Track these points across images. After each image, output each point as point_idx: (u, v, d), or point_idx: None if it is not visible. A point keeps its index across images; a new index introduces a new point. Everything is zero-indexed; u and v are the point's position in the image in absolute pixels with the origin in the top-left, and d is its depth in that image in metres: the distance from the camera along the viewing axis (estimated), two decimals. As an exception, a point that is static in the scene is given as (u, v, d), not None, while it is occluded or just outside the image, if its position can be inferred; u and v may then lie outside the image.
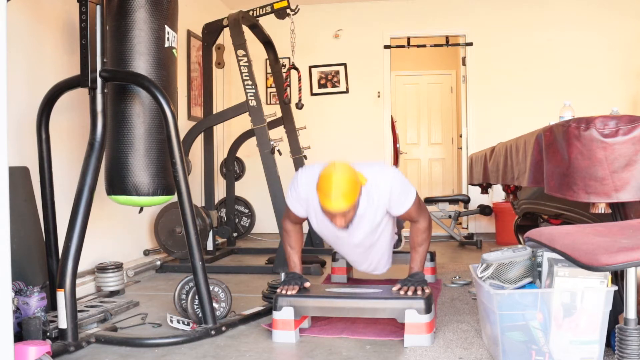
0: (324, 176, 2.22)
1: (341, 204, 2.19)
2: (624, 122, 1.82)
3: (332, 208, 2.21)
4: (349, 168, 2.27)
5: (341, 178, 2.19)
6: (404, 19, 6.00)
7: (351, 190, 2.21)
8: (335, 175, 2.19)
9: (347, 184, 2.20)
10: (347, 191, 2.19)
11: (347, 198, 2.20)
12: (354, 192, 2.22)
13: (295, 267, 2.63)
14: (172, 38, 2.77)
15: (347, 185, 2.20)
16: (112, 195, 2.71)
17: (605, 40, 5.66)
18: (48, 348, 1.87)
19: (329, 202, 2.19)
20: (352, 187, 2.21)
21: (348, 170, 2.24)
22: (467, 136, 5.99)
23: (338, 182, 2.18)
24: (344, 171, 2.22)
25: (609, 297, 1.81)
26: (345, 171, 2.23)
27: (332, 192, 2.17)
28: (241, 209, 5.44)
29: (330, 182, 2.18)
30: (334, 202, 2.18)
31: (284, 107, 5.02)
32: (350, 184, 2.21)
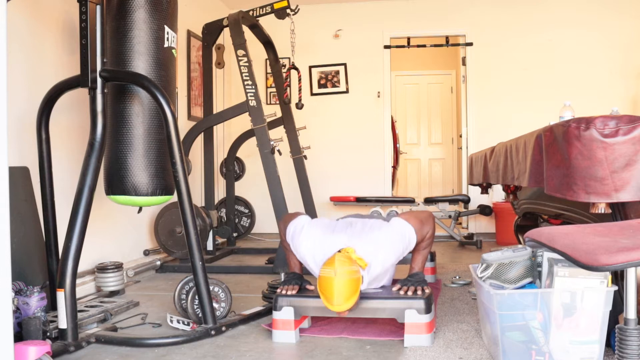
0: (325, 280, 2.22)
1: (344, 306, 2.22)
2: (624, 122, 1.82)
3: (336, 310, 2.24)
4: (349, 268, 2.23)
5: (341, 282, 2.19)
6: (404, 19, 6.00)
7: (352, 293, 2.22)
8: (336, 280, 2.19)
9: (347, 286, 2.20)
10: (348, 295, 2.21)
11: (349, 300, 2.22)
12: (354, 293, 2.23)
13: (296, 267, 2.63)
14: (171, 38, 2.77)
15: (348, 290, 2.20)
16: (111, 195, 2.70)
17: (605, 40, 5.66)
18: (48, 348, 1.87)
19: (331, 305, 2.22)
20: (353, 289, 2.22)
21: (348, 273, 2.21)
22: (467, 136, 5.99)
23: (339, 287, 2.19)
24: (344, 275, 2.20)
25: (609, 297, 1.81)
26: (345, 275, 2.20)
27: (335, 298, 2.20)
28: (241, 209, 5.44)
29: (331, 287, 2.19)
30: (337, 306, 2.21)
31: (284, 107, 5.02)
32: (350, 287, 2.21)
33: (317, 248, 2.43)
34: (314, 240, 2.46)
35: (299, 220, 2.57)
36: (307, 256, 2.47)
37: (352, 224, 2.54)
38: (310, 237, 2.48)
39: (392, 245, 2.42)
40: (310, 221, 2.57)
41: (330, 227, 2.52)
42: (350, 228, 2.50)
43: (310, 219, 2.59)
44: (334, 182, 6.07)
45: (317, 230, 2.50)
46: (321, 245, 2.42)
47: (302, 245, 2.48)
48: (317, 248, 2.43)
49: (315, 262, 2.44)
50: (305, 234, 2.50)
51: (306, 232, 2.50)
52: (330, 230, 2.49)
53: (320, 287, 2.25)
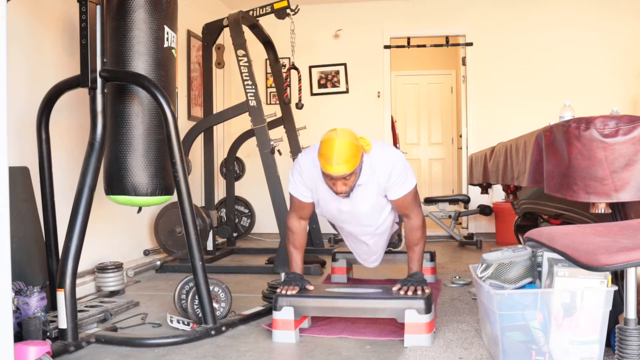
0: (326, 140, 2.24)
1: (342, 167, 2.20)
2: (624, 122, 1.82)
3: (333, 171, 2.21)
4: (351, 133, 2.28)
5: (342, 142, 2.20)
6: (404, 19, 6.00)
7: (352, 154, 2.21)
8: (337, 139, 2.20)
9: (348, 147, 2.20)
10: (348, 155, 2.20)
11: (348, 162, 2.20)
12: (355, 156, 2.22)
13: (297, 267, 2.63)
14: (171, 38, 2.77)
15: (349, 149, 2.20)
16: (111, 195, 2.71)
17: (605, 40, 5.66)
18: (48, 348, 1.87)
19: (330, 165, 2.19)
20: (354, 150, 2.22)
21: (350, 135, 2.25)
22: (467, 136, 5.99)
23: (339, 146, 2.19)
24: (345, 135, 2.23)
25: (609, 297, 1.81)
26: (347, 136, 2.23)
27: (334, 156, 2.18)
28: (241, 209, 5.44)
29: (331, 145, 2.19)
30: (335, 165, 2.19)
31: (284, 107, 5.02)
32: (351, 147, 2.22)
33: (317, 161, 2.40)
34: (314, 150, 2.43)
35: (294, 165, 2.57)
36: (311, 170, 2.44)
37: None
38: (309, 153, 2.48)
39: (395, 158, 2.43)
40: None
41: None
42: None
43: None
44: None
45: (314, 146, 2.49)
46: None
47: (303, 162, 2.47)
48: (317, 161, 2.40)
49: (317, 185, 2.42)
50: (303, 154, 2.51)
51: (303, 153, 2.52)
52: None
53: (320, 150, 2.23)
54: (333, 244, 5.38)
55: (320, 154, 2.25)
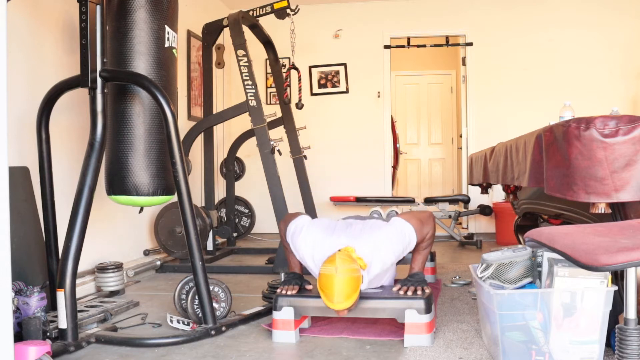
0: (325, 277, 2.22)
1: (344, 305, 2.21)
2: (624, 122, 1.82)
3: (336, 309, 2.23)
4: (349, 266, 2.23)
5: (342, 280, 2.19)
6: (404, 19, 6.00)
7: (352, 291, 2.21)
8: (337, 277, 2.19)
9: (348, 284, 2.20)
10: (348, 293, 2.20)
11: (349, 299, 2.21)
12: (355, 291, 2.23)
13: (296, 267, 2.63)
14: (172, 38, 2.77)
15: (348, 287, 2.20)
16: (112, 195, 2.71)
17: (605, 40, 5.66)
18: (48, 348, 1.87)
19: (331, 304, 2.22)
20: (354, 287, 2.22)
21: (348, 271, 2.21)
22: (467, 136, 5.99)
23: (339, 284, 2.19)
24: (344, 272, 2.20)
25: (609, 297, 1.81)
26: (346, 271, 2.20)
27: (335, 296, 2.19)
28: (241, 209, 5.44)
29: (332, 284, 2.19)
30: (337, 304, 2.21)
31: (284, 107, 5.02)
32: (351, 283, 2.21)
33: (316, 248, 2.43)
34: (314, 241, 2.46)
35: (299, 221, 2.57)
36: (306, 256, 2.47)
37: (352, 225, 2.54)
38: (309, 238, 2.48)
39: (391, 245, 2.42)
40: (310, 221, 2.57)
41: (330, 228, 2.52)
42: (349, 228, 2.50)
43: (310, 219, 2.59)
44: (334, 182, 6.07)
45: (317, 230, 2.50)
46: (321, 245, 2.42)
47: (302, 246, 2.48)
48: (316, 248, 2.43)
49: (315, 262, 2.44)
50: (304, 234, 2.50)
51: (306, 232, 2.50)
52: (330, 230, 2.50)
53: (320, 284, 2.24)
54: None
55: (320, 287, 2.25)
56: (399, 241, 2.44)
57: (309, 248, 2.46)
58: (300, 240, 2.49)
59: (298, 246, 2.50)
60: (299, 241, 2.49)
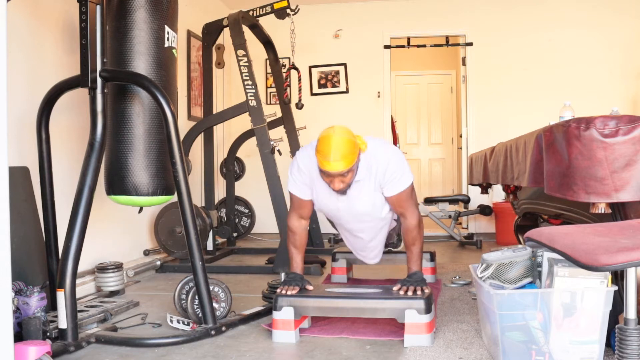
0: (323, 138, 2.26)
1: (339, 164, 2.22)
2: (624, 122, 1.82)
3: (331, 168, 2.23)
4: (348, 131, 2.30)
5: (339, 139, 2.22)
6: (404, 19, 6.00)
7: (350, 151, 2.23)
8: (334, 136, 2.22)
9: (345, 144, 2.23)
10: (345, 152, 2.22)
11: (346, 159, 2.22)
12: (352, 153, 2.24)
13: (297, 267, 2.62)
14: (172, 38, 2.77)
15: (346, 146, 2.22)
16: (112, 195, 2.71)
17: (605, 40, 5.66)
18: (48, 348, 1.87)
19: (327, 162, 2.21)
20: (351, 147, 2.24)
21: (347, 133, 2.28)
22: (467, 136, 5.99)
23: (336, 143, 2.21)
24: (342, 133, 2.25)
25: (609, 297, 1.81)
26: (344, 133, 2.26)
27: (331, 153, 2.20)
28: (241, 209, 5.44)
29: (329, 142, 2.21)
30: (333, 162, 2.21)
31: (284, 107, 5.02)
32: (348, 144, 2.24)
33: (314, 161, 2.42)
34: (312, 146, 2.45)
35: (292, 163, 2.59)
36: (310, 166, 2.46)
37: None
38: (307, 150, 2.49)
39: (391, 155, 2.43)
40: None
41: None
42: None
43: None
44: (334, 182, 6.06)
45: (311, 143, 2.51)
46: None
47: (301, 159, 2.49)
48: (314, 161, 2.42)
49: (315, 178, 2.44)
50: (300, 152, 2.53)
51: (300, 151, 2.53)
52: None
53: (318, 147, 2.26)
54: (333, 244, 5.38)
55: (317, 150, 2.27)
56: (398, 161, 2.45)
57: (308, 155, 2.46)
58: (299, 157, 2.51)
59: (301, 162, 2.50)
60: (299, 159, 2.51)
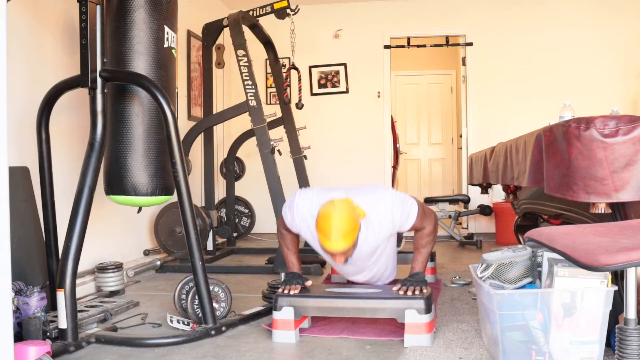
0: (324, 216, 2.20)
1: (341, 244, 2.18)
2: (624, 122, 1.82)
3: (332, 249, 2.19)
4: (348, 206, 2.23)
5: (340, 218, 2.17)
6: (404, 19, 6.00)
7: (351, 230, 2.19)
8: (335, 215, 2.17)
9: (346, 224, 2.18)
10: (346, 232, 2.18)
11: (347, 238, 2.18)
12: (353, 232, 2.20)
13: (294, 266, 2.63)
14: (171, 38, 2.77)
15: (347, 226, 2.18)
16: (111, 195, 2.71)
17: (605, 40, 5.66)
18: (48, 348, 1.87)
19: (329, 242, 2.18)
20: (352, 227, 2.20)
21: (347, 210, 2.21)
22: (467, 136, 5.99)
23: (338, 223, 2.16)
24: (343, 211, 2.19)
25: (609, 297, 1.81)
26: (344, 211, 2.19)
27: (332, 234, 2.16)
28: (241, 209, 5.44)
29: (329, 222, 2.16)
30: (334, 243, 2.17)
31: (284, 107, 5.02)
32: (349, 224, 2.19)
33: (314, 205, 2.38)
34: (311, 198, 2.42)
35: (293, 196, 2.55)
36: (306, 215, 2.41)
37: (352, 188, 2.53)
38: (306, 197, 2.45)
39: (391, 206, 2.38)
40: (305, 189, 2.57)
41: (327, 189, 2.50)
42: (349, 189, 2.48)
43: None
44: (334, 182, 6.06)
45: (312, 191, 2.48)
46: (318, 201, 2.38)
47: (299, 207, 2.44)
48: (314, 205, 2.38)
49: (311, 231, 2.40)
50: (299, 196, 2.47)
51: (300, 195, 2.48)
52: (326, 190, 2.47)
53: (318, 224, 2.21)
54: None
55: (318, 227, 2.21)
56: (399, 207, 2.40)
57: (308, 207, 2.41)
58: (296, 202, 2.45)
59: (296, 210, 2.45)
60: (295, 204, 2.46)
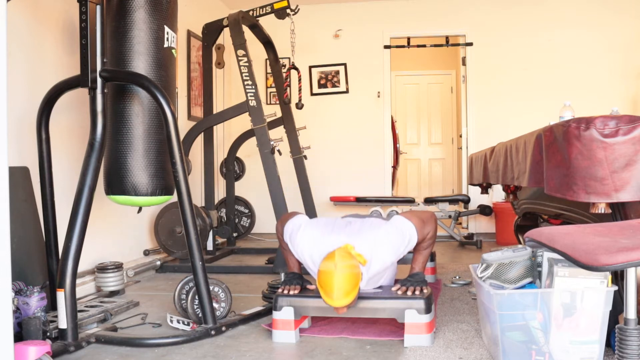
0: (325, 274, 2.20)
1: (343, 301, 2.20)
2: (624, 122, 1.82)
3: (335, 305, 2.22)
4: (349, 263, 2.22)
5: (341, 276, 2.18)
6: (404, 19, 6.00)
7: (352, 285, 2.20)
8: (336, 273, 2.18)
9: (347, 281, 2.19)
10: (348, 290, 2.19)
11: (349, 295, 2.20)
12: (354, 288, 2.22)
13: (295, 267, 2.63)
14: (171, 38, 2.77)
15: (348, 283, 2.19)
16: (111, 195, 2.70)
17: (605, 40, 5.66)
18: (48, 348, 1.87)
19: (331, 300, 2.20)
20: (353, 284, 2.21)
21: (348, 266, 2.21)
22: (467, 136, 5.99)
23: (338, 281, 2.17)
24: (344, 268, 2.19)
25: (609, 297, 1.81)
26: (345, 268, 2.20)
27: (334, 292, 2.18)
28: (241, 209, 5.44)
29: (331, 281, 2.18)
30: (337, 301, 2.19)
31: (284, 107, 5.02)
32: (350, 280, 2.19)
33: (315, 247, 2.42)
34: (313, 239, 2.45)
35: (297, 220, 2.56)
36: (305, 255, 2.46)
37: (351, 223, 2.54)
38: (308, 237, 2.47)
39: (391, 242, 2.41)
40: (308, 221, 2.57)
41: (329, 226, 2.52)
42: (348, 227, 2.50)
43: (307, 219, 2.59)
44: (334, 182, 6.07)
45: (315, 229, 2.50)
46: (319, 244, 2.42)
47: (300, 245, 2.48)
48: (315, 247, 2.42)
49: (314, 261, 2.43)
50: (302, 233, 2.49)
51: (303, 231, 2.49)
52: (328, 229, 2.49)
53: (320, 281, 2.23)
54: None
55: (320, 284, 2.23)
56: (399, 239, 2.43)
57: (308, 247, 2.45)
58: (299, 239, 2.48)
59: (296, 245, 2.50)
60: (297, 240, 2.49)
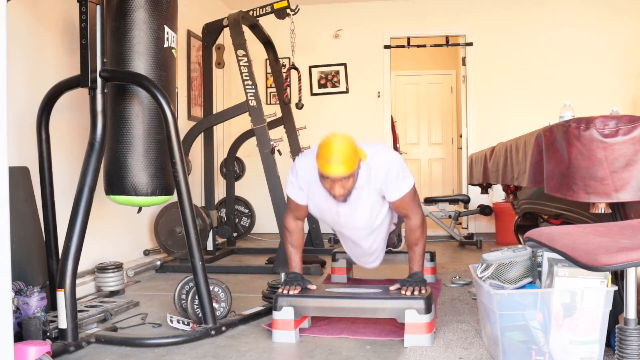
0: (324, 143, 2.27)
1: (341, 168, 2.23)
2: (624, 122, 1.82)
3: (332, 172, 2.23)
4: (349, 137, 2.31)
5: (341, 144, 2.24)
6: (404, 19, 6.00)
7: (351, 156, 2.24)
8: (336, 141, 2.24)
9: (346, 150, 2.24)
10: (346, 157, 2.23)
11: (347, 163, 2.23)
12: (353, 158, 2.25)
13: (296, 267, 2.62)
14: (171, 38, 2.77)
15: (347, 151, 2.24)
16: (111, 195, 2.71)
17: (605, 40, 5.66)
18: (48, 348, 1.87)
19: (328, 166, 2.22)
20: (352, 153, 2.25)
21: (348, 138, 2.29)
22: (467, 136, 5.99)
23: (338, 148, 2.23)
24: (344, 138, 2.27)
25: (609, 297, 1.81)
26: (345, 138, 2.28)
27: (332, 157, 2.21)
28: (241, 209, 5.44)
29: (330, 147, 2.23)
30: (334, 166, 2.22)
31: (284, 107, 5.02)
32: (350, 150, 2.25)
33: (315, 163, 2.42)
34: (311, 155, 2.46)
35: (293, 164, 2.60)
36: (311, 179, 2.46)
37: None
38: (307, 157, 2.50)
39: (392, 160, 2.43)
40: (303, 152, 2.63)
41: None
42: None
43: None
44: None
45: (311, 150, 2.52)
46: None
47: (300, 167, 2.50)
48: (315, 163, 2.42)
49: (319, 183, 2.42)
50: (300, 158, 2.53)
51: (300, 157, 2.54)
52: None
53: (319, 151, 2.27)
54: (333, 244, 5.37)
55: (318, 155, 2.27)
56: (398, 167, 2.44)
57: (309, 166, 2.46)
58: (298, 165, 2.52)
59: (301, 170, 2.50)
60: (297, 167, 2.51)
